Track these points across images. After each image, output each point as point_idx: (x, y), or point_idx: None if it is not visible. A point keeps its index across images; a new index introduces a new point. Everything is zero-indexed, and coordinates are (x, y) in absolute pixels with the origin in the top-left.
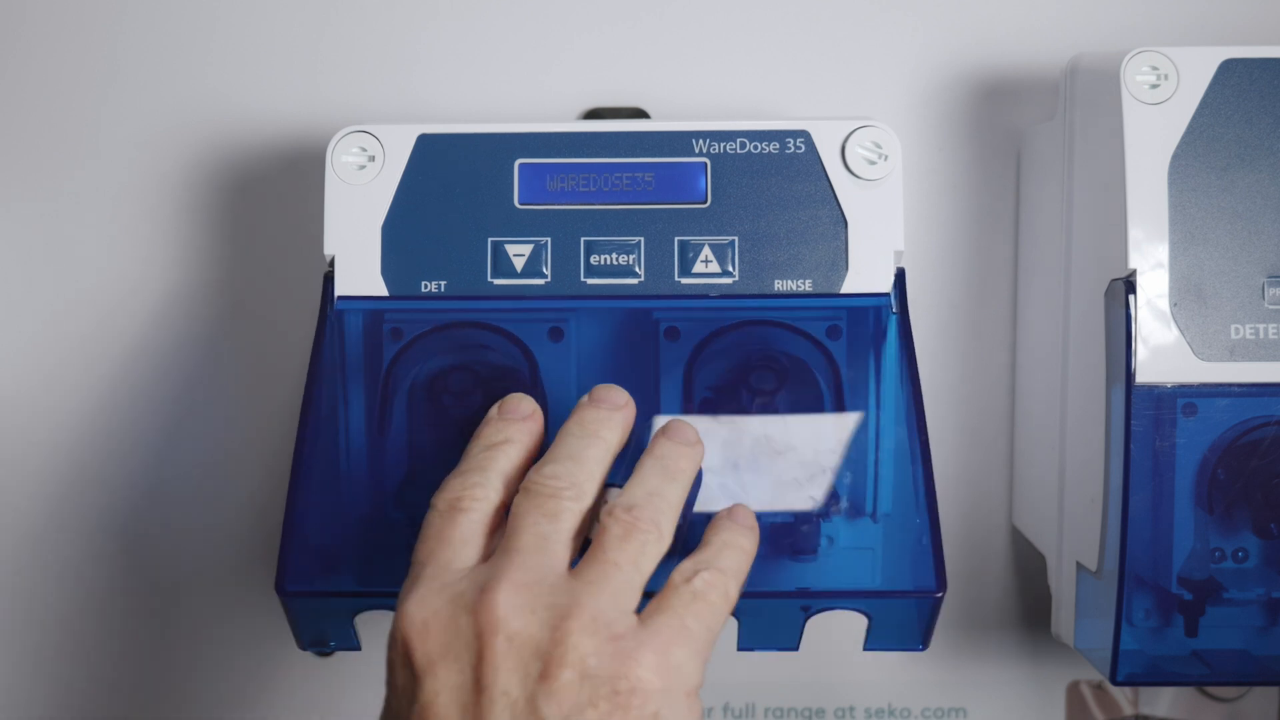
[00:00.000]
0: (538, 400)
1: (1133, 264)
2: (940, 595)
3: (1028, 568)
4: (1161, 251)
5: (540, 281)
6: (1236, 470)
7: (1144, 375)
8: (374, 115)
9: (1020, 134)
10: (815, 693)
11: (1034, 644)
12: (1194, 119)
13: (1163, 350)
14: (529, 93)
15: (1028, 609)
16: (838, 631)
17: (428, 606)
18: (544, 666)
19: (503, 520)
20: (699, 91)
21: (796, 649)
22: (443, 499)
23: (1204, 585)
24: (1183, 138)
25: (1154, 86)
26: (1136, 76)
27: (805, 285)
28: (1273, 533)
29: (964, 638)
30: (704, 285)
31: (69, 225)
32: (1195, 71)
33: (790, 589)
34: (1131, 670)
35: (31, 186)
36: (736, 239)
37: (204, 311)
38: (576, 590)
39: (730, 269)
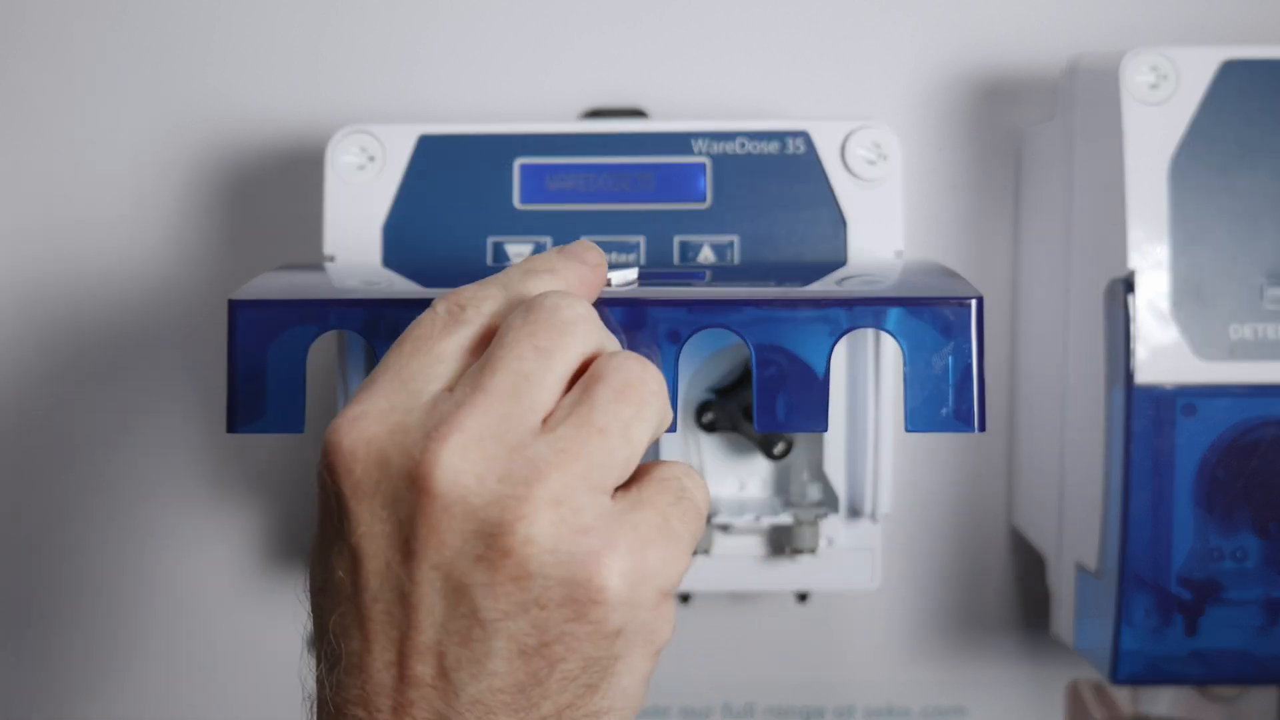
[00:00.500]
0: None
1: (1133, 264)
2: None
3: (1028, 568)
4: (1161, 251)
5: None
6: (1236, 470)
7: (1144, 375)
8: (373, 115)
9: (1020, 134)
10: (815, 692)
11: (1034, 644)
12: (1194, 119)
13: (1163, 350)
14: (529, 93)
15: (1028, 609)
16: (838, 631)
17: (365, 429)
18: (486, 550)
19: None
20: (699, 91)
21: (825, 428)
22: (446, 301)
23: (1204, 585)
24: (1183, 138)
25: (1154, 86)
26: (1136, 76)
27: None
28: (1272, 533)
29: (964, 638)
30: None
31: (69, 224)
32: (1195, 71)
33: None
34: (1131, 670)
35: (31, 185)
36: (736, 239)
37: (203, 310)
38: (545, 458)
39: None
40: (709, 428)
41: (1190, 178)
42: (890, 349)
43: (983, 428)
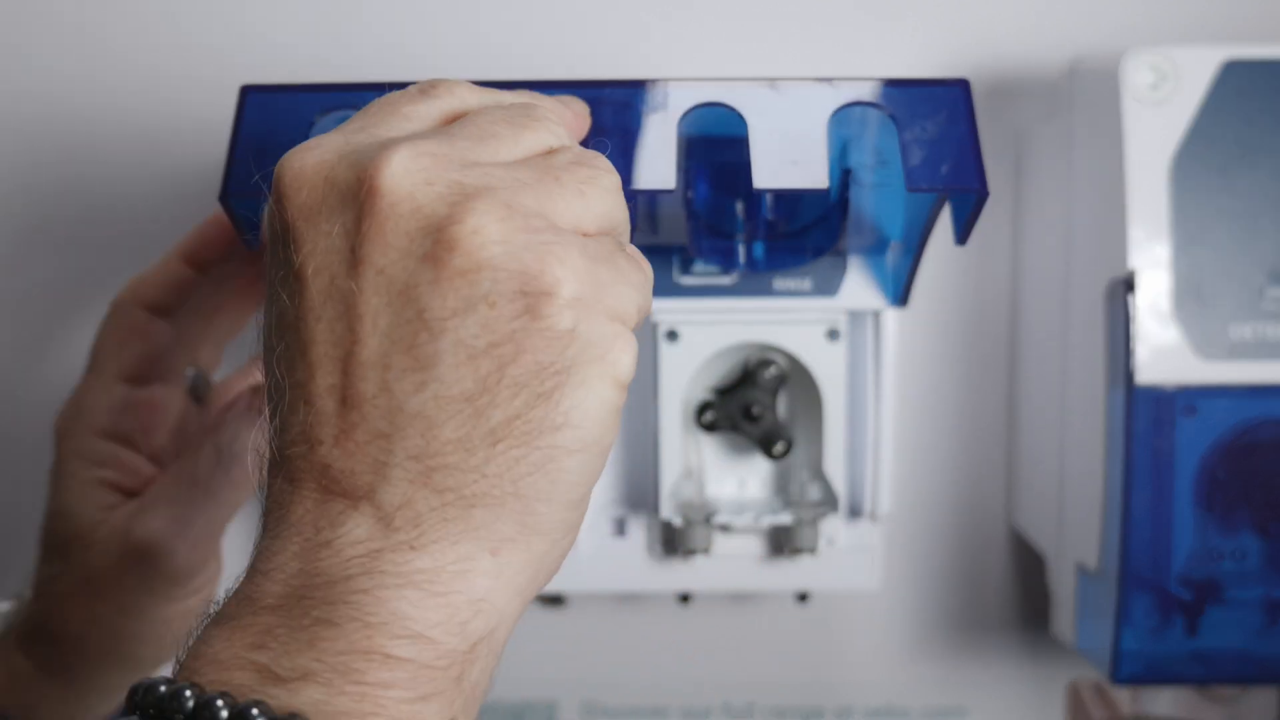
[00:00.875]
0: None
1: (1133, 264)
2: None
3: (1028, 568)
4: (1162, 251)
5: None
6: (1237, 470)
7: (1144, 375)
8: None
9: (1020, 134)
10: (815, 692)
11: (1034, 644)
12: (1195, 119)
13: (1163, 350)
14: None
15: (1028, 609)
16: (838, 631)
17: (314, 154)
18: (433, 246)
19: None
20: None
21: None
22: (421, 82)
23: (1204, 585)
24: (1183, 138)
25: (1154, 86)
26: (1137, 76)
27: (805, 285)
28: (1272, 533)
29: (964, 638)
30: (704, 286)
31: (70, 222)
32: (1196, 71)
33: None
34: (1131, 670)
35: (32, 184)
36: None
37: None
38: (499, 177)
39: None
40: (709, 428)
41: (1191, 177)
42: (891, 349)
43: (984, 186)
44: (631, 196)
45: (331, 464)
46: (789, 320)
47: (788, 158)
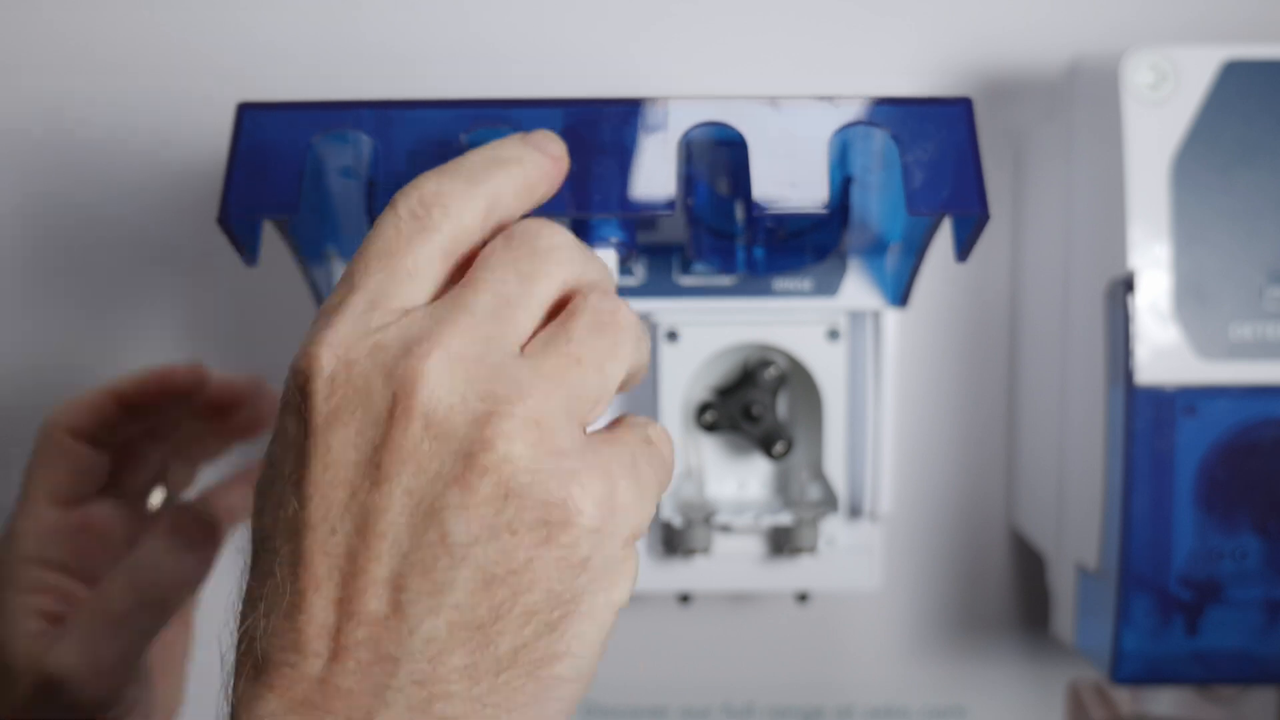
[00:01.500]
0: None
1: (1133, 264)
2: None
3: (1028, 568)
4: (1161, 251)
5: None
6: (1237, 470)
7: (1144, 375)
8: None
9: (1020, 134)
10: (815, 692)
11: (1034, 644)
12: (1195, 119)
13: (1163, 350)
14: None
15: (1028, 609)
16: (838, 631)
17: (341, 347)
18: (464, 470)
19: (469, 261)
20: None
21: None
22: (409, 201)
23: (1204, 585)
24: (1183, 138)
25: (1154, 86)
26: (1137, 76)
27: (805, 286)
28: (1273, 533)
29: (964, 638)
30: (704, 286)
31: (72, 227)
32: (1196, 71)
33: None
34: (1131, 670)
35: (38, 186)
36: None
37: (205, 312)
38: (525, 381)
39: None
40: (709, 428)
41: (1191, 177)
42: (891, 349)
43: (985, 209)
44: (632, 210)
45: (327, 680)
46: (789, 320)
47: (788, 179)
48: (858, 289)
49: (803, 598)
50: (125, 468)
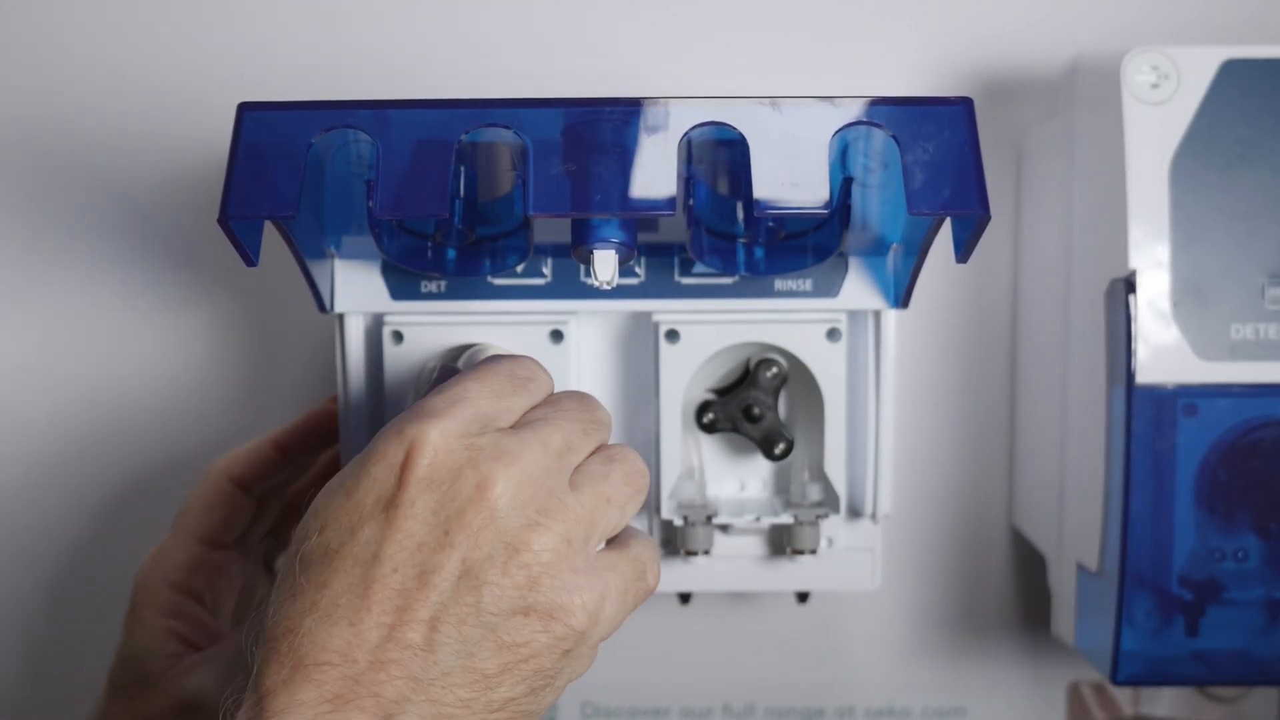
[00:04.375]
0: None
1: (1133, 264)
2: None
3: (1028, 568)
4: (1162, 251)
5: (540, 282)
6: (1237, 470)
7: (1144, 375)
8: None
9: (1020, 134)
10: (815, 693)
11: (1034, 644)
12: (1195, 119)
13: (1163, 350)
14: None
15: (1028, 609)
16: (838, 631)
17: (449, 437)
18: (505, 557)
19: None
20: (697, 93)
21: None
22: (514, 363)
23: (1204, 585)
24: (1183, 137)
25: (1155, 86)
26: (1137, 76)
27: (805, 286)
28: (1273, 533)
29: (964, 638)
30: (704, 286)
31: (73, 227)
32: (1196, 71)
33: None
34: (1132, 670)
35: (39, 186)
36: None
37: (205, 312)
38: (567, 507)
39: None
40: (709, 428)
41: (1191, 177)
42: (891, 349)
43: (985, 209)
44: (632, 210)
45: (360, 682)
46: (789, 320)
47: (789, 179)
48: (858, 289)
49: (803, 598)
50: (255, 516)
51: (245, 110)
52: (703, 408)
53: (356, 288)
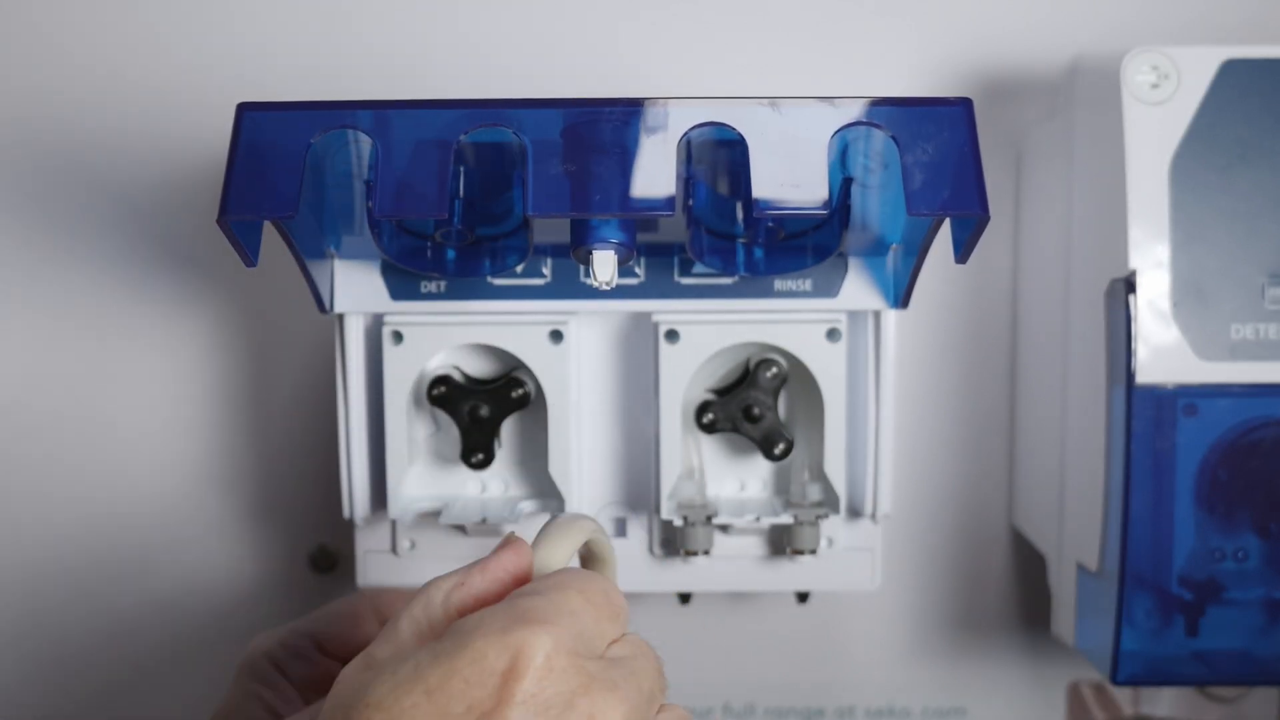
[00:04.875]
0: (539, 401)
1: (1133, 264)
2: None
3: (1028, 568)
4: (1162, 251)
5: (540, 282)
6: (1237, 470)
7: (1144, 375)
8: None
9: (1020, 134)
10: (815, 693)
11: (1034, 644)
12: (1195, 119)
13: (1163, 350)
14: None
15: (1028, 609)
16: (838, 631)
17: (554, 653)
18: None
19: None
20: (697, 93)
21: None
22: (609, 585)
23: (1204, 585)
24: (1183, 137)
25: (1154, 86)
26: (1137, 76)
27: (805, 286)
28: (1273, 533)
29: (964, 638)
30: (704, 286)
31: (73, 228)
32: (1196, 71)
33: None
34: (1132, 670)
35: (39, 186)
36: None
37: (205, 312)
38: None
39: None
40: (709, 428)
41: (1191, 177)
42: (891, 349)
43: (985, 210)
44: (632, 210)
45: None
46: (789, 320)
47: (789, 180)
48: (858, 290)
49: (803, 598)
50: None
51: (245, 110)
52: (702, 408)
53: (356, 288)
